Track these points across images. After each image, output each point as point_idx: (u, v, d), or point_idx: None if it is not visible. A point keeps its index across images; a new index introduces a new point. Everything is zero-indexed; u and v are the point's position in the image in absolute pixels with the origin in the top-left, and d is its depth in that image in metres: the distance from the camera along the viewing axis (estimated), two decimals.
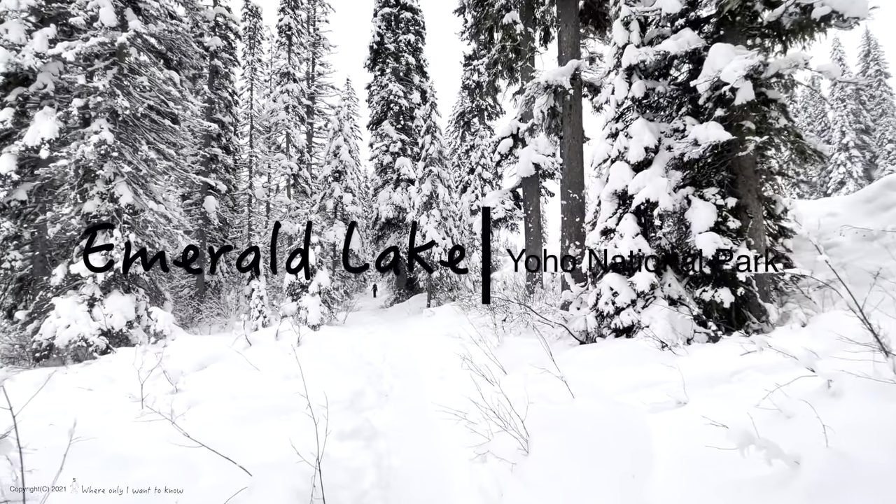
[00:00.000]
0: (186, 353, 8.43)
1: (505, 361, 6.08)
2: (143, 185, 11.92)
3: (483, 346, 8.00)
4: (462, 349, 8.23)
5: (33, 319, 10.65)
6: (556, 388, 4.28)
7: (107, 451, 3.69)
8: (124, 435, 4.56)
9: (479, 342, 8.13)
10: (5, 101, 10.71)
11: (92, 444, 3.47)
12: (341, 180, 18.72)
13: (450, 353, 8.21)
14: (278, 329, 10.24)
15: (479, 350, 7.83)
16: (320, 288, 11.90)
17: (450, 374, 7.08)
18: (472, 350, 8.05)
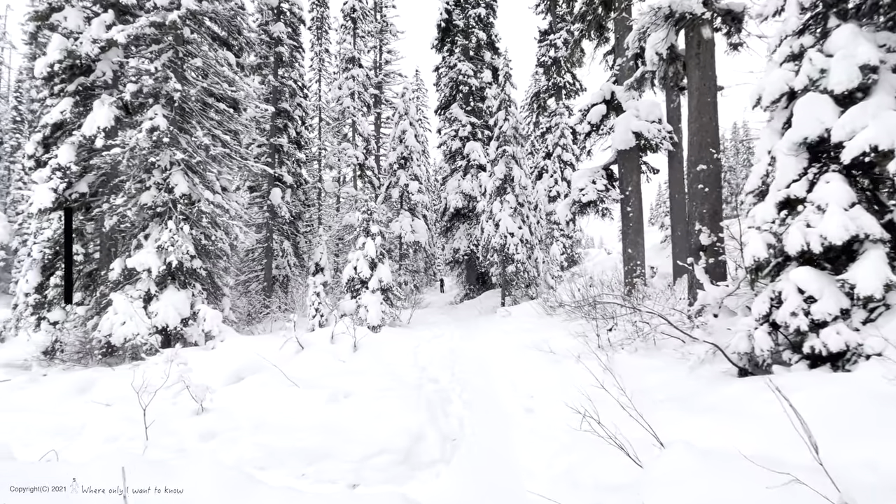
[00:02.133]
0: (225, 359, 7.31)
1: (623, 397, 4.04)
2: (199, 174, 11.24)
3: (579, 363, 5.96)
4: (554, 367, 6.25)
5: (94, 315, 10.33)
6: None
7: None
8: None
9: (577, 358, 6.09)
10: (66, 91, 10.45)
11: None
12: (407, 167, 17.33)
13: (537, 370, 6.25)
14: (333, 331, 8.92)
15: (580, 369, 5.80)
16: (381, 284, 10.50)
17: (542, 404, 5.15)
18: (570, 369, 6.04)
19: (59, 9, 10.32)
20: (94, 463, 3.12)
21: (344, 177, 22.16)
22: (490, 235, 13.90)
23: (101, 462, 3.41)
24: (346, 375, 6.71)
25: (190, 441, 4.63)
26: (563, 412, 4.76)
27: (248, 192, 17.90)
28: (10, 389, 7.89)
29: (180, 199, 10.57)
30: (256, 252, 18.08)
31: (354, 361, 7.88)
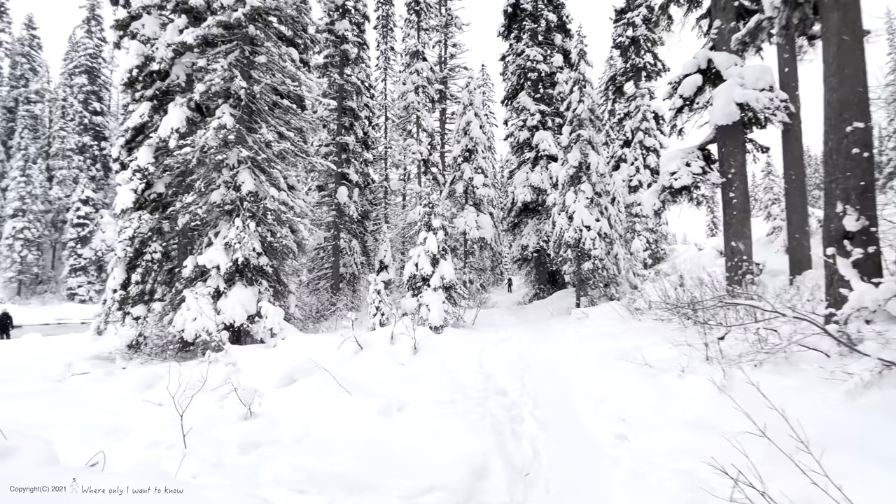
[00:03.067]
0: (280, 359, 6.96)
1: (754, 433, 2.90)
2: (266, 172, 11.28)
3: (683, 378, 4.72)
4: (650, 383, 5.08)
5: (170, 310, 10.68)
6: None
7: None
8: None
9: (681, 372, 4.89)
10: (145, 95, 10.92)
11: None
12: (472, 160, 16.54)
13: (628, 386, 5.13)
14: (393, 331, 8.35)
15: (686, 388, 4.60)
16: (443, 281, 9.79)
17: (639, 432, 4.08)
18: (672, 387, 4.85)
19: (138, 17, 10.83)
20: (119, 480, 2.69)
21: (409, 174, 21.89)
22: (562, 229, 12.69)
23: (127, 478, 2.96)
24: (403, 382, 6.04)
25: (228, 453, 4.17)
26: (669, 446, 3.67)
27: (317, 191, 18.14)
28: (86, 382, 8.22)
29: (247, 196, 10.62)
30: (325, 250, 18.27)
31: (414, 365, 7.22)
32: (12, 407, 6.40)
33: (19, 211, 32.34)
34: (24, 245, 32.27)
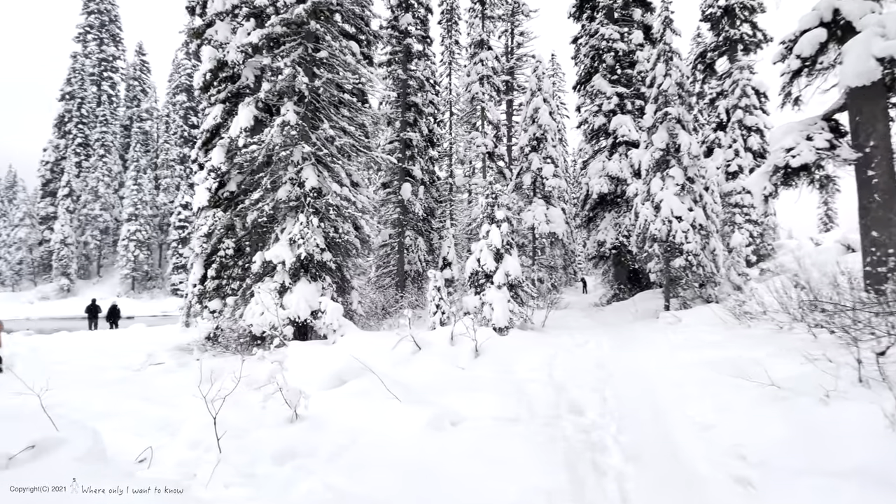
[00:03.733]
0: (332, 358, 6.59)
1: None
2: (328, 168, 11.19)
3: (827, 405, 3.47)
4: (780, 409, 3.90)
5: (242, 305, 10.94)
6: None
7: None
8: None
9: (825, 397, 3.67)
10: (218, 98, 11.30)
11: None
12: (540, 149, 15.44)
13: (745, 410, 4.00)
14: (453, 331, 7.71)
15: (835, 418, 3.40)
16: (508, 278, 8.96)
17: (771, 477, 3.01)
18: (813, 416, 3.62)
19: (211, 24, 11.25)
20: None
21: (473, 168, 21.22)
22: (647, 221, 11.25)
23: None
24: (461, 390, 5.34)
25: (262, 463, 3.75)
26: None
27: (382, 188, 18.08)
28: (160, 372, 8.51)
29: (310, 192, 10.57)
30: (390, 248, 18.17)
31: (474, 369, 6.50)
32: (88, 394, 6.66)
33: (133, 216, 36.42)
34: (136, 246, 36.28)
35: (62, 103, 39.19)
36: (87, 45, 40.57)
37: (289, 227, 10.60)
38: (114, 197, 39.71)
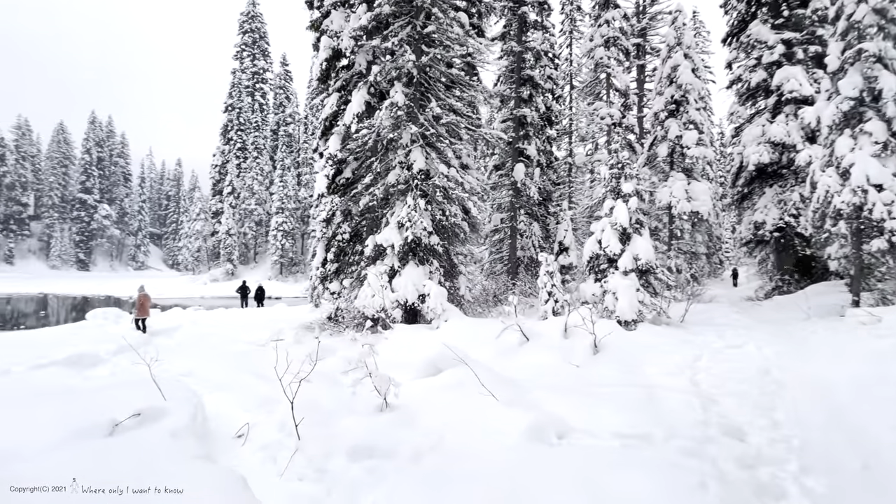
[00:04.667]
0: (429, 345, 6.13)
1: None
2: (436, 149, 10.86)
3: None
4: None
5: (356, 287, 11.26)
6: None
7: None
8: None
9: None
10: (334, 87, 11.68)
11: None
12: (680, 114, 13.12)
13: None
14: (567, 322, 6.72)
15: None
16: (637, 263, 7.53)
17: None
18: None
19: (327, 14, 11.62)
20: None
21: (596, 144, 19.25)
22: (829, 193, 8.69)
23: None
24: (573, 392, 4.43)
25: (337, 457, 3.37)
26: None
27: (494, 171, 17.36)
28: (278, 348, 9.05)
29: (418, 174, 10.35)
30: (502, 233, 17.42)
31: (591, 368, 5.48)
32: (214, 366, 7.24)
33: (280, 209, 41.47)
34: (283, 235, 41.28)
35: (225, 114, 46.18)
36: (242, 62, 47.07)
37: (397, 211, 10.54)
38: (265, 193, 45.69)
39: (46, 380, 6.86)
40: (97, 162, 64.07)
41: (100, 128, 66.53)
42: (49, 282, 42.57)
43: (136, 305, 11.53)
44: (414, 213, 10.02)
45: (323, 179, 11.63)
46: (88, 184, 62.09)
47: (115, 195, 67.30)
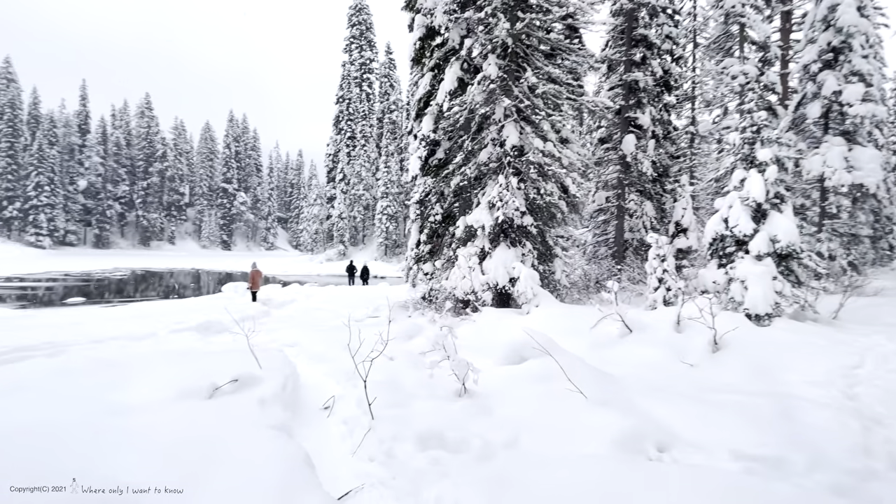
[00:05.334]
0: (514, 331, 5.71)
1: None
2: (531, 123, 10.19)
3: None
4: None
5: (448, 269, 11.20)
6: None
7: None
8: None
9: None
10: (428, 66, 11.54)
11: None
12: (838, 64, 10.58)
13: None
14: (680, 313, 5.81)
15: None
16: (775, 246, 6.17)
17: None
18: None
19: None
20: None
21: (725, 108, 16.65)
22: None
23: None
24: (683, 397, 3.73)
25: (406, 441, 3.20)
26: None
27: (599, 144, 15.97)
28: (372, 324, 9.32)
29: (510, 151, 9.84)
30: (607, 213, 16.05)
31: (708, 369, 4.63)
32: (315, 338, 7.67)
33: (385, 194, 43.57)
34: (387, 219, 43.41)
35: (337, 106, 49.49)
36: (351, 54, 49.78)
37: (488, 191, 10.16)
38: (372, 179, 48.29)
39: (179, 343, 7.92)
40: (235, 155, 73.50)
41: (236, 125, 75.98)
42: (200, 259, 50.30)
43: (249, 279, 12.87)
44: (505, 192, 9.55)
45: (416, 161, 11.67)
46: (228, 174, 71.61)
47: (249, 184, 76.77)
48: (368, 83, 50.84)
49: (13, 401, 3.77)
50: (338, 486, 2.97)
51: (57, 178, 52.54)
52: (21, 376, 4.39)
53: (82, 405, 3.67)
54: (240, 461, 2.55)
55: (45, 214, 50.67)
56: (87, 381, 4.37)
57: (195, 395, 3.98)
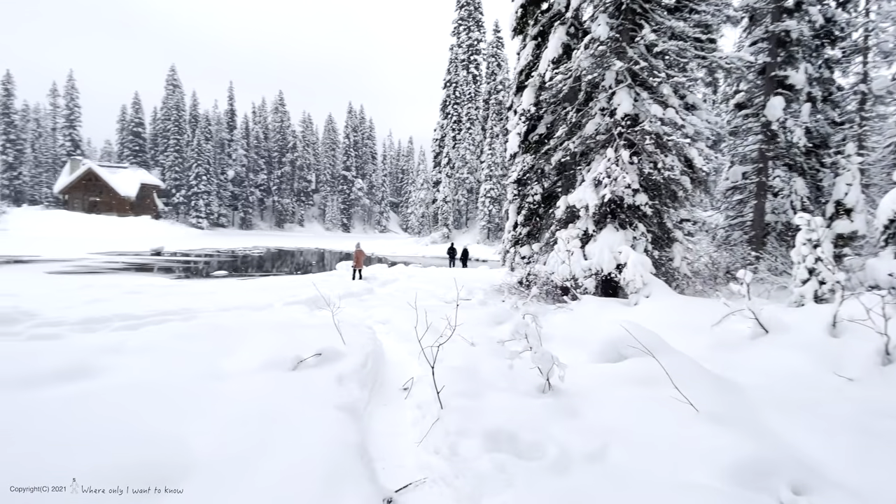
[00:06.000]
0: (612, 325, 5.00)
1: None
2: (648, 87, 8.95)
3: None
4: None
5: (546, 252, 10.54)
6: None
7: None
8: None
9: None
10: (530, 35, 10.79)
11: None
12: None
13: None
14: (837, 312, 4.58)
15: None
16: None
17: None
18: None
19: None
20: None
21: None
22: None
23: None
24: (836, 420, 2.84)
25: (472, 438, 2.89)
26: None
27: (736, 109, 13.65)
28: (464, 307, 9.10)
29: (622, 120, 8.76)
30: (745, 191, 13.74)
31: (876, 387, 3.52)
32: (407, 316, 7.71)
33: (488, 176, 43.19)
34: (490, 202, 43.08)
35: (444, 90, 49.98)
36: (459, 36, 49.63)
37: (594, 167, 9.21)
38: (476, 162, 48.17)
39: (288, 314, 8.56)
40: (353, 144, 78.99)
41: (354, 115, 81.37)
42: (323, 239, 55.43)
43: (353, 258, 13.72)
44: (614, 167, 8.55)
45: (515, 138, 11.09)
46: (348, 162, 77.31)
47: (365, 171, 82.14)
48: (476, 65, 50.40)
49: (138, 359, 4.28)
50: (399, 476, 2.79)
51: (211, 168, 61.69)
52: (153, 338, 4.99)
53: (189, 368, 4.02)
54: (295, 444, 2.48)
55: (203, 200, 59.96)
56: (202, 345, 4.83)
57: (280, 366, 4.13)
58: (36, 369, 3.74)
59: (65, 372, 3.78)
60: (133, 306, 8.51)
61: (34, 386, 3.47)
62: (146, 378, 3.69)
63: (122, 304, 8.72)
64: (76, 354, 4.24)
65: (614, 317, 5.46)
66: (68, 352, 4.32)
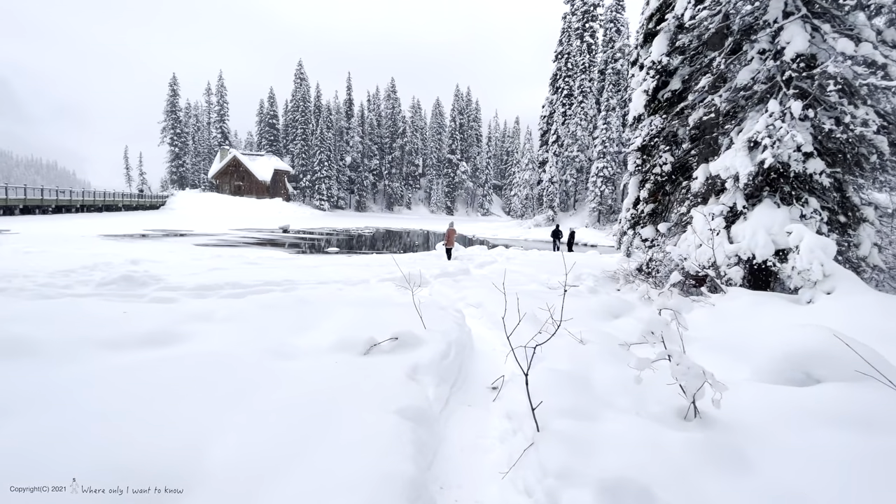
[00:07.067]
0: (793, 330, 3.56)
1: None
2: (827, 18, 6.72)
3: None
4: None
5: (676, 233, 8.82)
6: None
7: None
8: None
9: None
10: None
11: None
12: None
13: None
14: None
15: None
16: None
17: None
18: None
19: None
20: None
21: None
22: None
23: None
24: None
25: (579, 490, 1.98)
26: None
27: None
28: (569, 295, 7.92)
29: (791, 63, 6.72)
30: None
31: None
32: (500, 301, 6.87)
33: (601, 154, 39.78)
34: (603, 182, 39.73)
35: (554, 63, 46.92)
36: (573, 3, 45.95)
37: (748, 125, 7.26)
38: (588, 139, 44.68)
39: (379, 291, 8.26)
40: (459, 128, 79.09)
41: (461, 98, 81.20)
42: (428, 222, 56.73)
43: (445, 237, 13.35)
44: (779, 123, 6.60)
45: (640, 96, 9.38)
46: (453, 146, 77.75)
47: (469, 154, 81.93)
48: (591, 32, 46.43)
49: (220, 328, 4.10)
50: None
51: (332, 155, 66.54)
52: (242, 307, 4.86)
53: (261, 342, 3.70)
54: (324, 467, 1.82)
55: (325, 184, 65.10)
56: (284, 317, 4.56)
57: (352, 348, 3.60)
58: (129, 333, 3.69)
59: (151, 337, 3.68)
60: (245, 276, 8.94)
61: (118, 349, 3.37)
62: (217, 350, 3.42)
63: (236, 274, 9.23)
64: (169, 320, 4.20)
65: (784, 319, 4.00)
66: (164, 317, 4.30)
